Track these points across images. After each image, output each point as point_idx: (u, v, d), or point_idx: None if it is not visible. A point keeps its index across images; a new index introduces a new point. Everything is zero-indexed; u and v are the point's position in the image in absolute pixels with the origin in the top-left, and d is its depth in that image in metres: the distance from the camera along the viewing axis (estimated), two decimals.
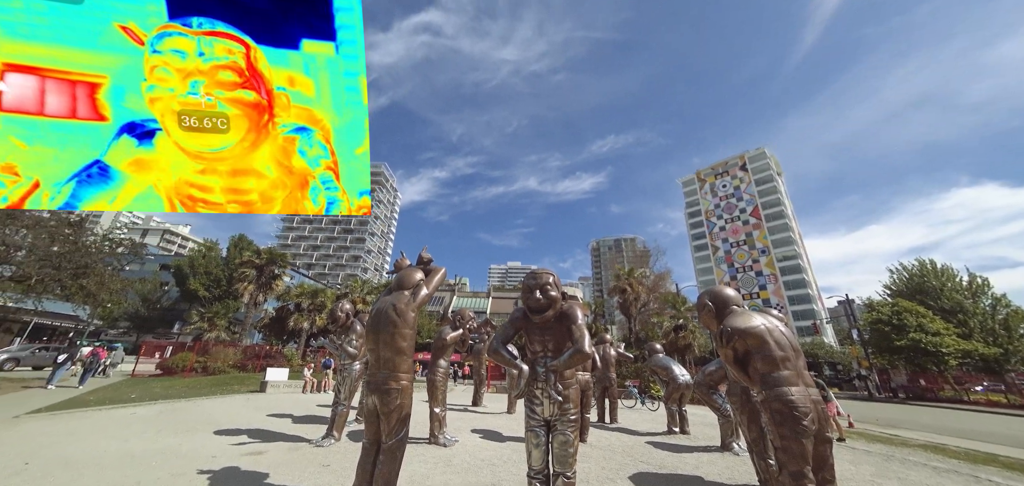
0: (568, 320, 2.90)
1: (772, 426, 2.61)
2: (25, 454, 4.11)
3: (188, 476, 3.55)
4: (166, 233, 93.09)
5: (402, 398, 3.04)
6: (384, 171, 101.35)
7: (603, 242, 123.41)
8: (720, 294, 3.11)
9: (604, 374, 8.31)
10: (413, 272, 3.53)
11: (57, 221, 12.17)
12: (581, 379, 5.96)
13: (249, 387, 12.27)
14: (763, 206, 70.39)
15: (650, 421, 8.71)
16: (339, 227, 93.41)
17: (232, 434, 5.51)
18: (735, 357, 2.77)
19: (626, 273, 22.47)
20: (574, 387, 2.93)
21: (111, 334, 41.04)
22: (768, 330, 2.71)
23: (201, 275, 37.34)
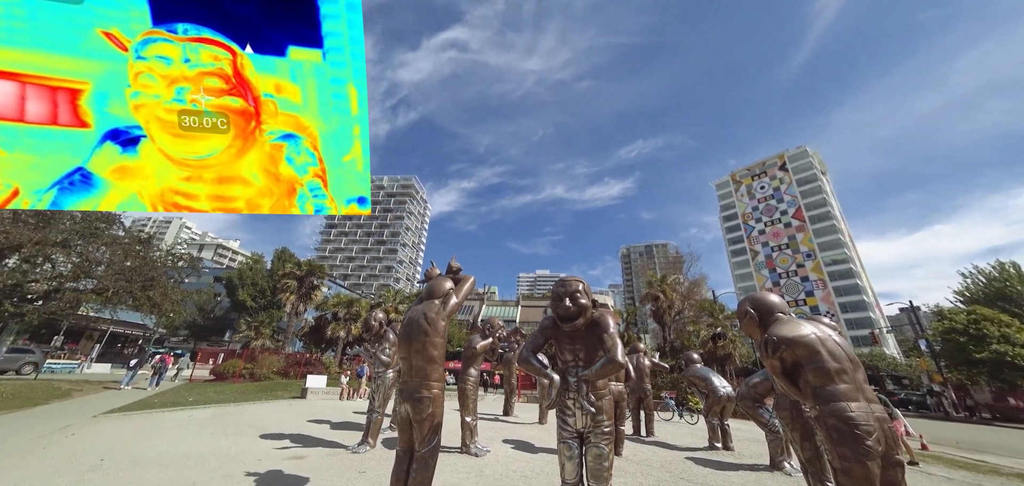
0: (599, 328, 2.82)
1: (830, 446, 2.39)
2: (101, 452, 4.53)
3: (236, 478, 3.76)
4: (219, 247, 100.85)
5: (434, 406, 3.07)
6: (414, 183, 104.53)
7: (633, 248, 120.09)
8: (763, 300, 2.91)
9: (639, 385, 8.01)
10: (443, 281, 3.58)
11: (130, 238, 13.56)
12: (614, 390, 5.77)
13: (291, 393, 12.90)
14: (807, 207, 65.82)
15: (689, 435, 8.27)
16: (372, 238, 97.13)
17: (276, 438, 5.79)
18: (783, 368, 2.57)
19: (658, 280, 21.64)
20: (607, 398, 2.83)
21: (173, 341, 44.73)
22: (820, 339, 2.50)
23: (248, 286, 39.97)
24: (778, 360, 2.59)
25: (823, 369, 2.43)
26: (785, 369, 2.60)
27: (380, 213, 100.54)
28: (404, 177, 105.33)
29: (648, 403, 7.94)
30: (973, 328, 22.10)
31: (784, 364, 2.58)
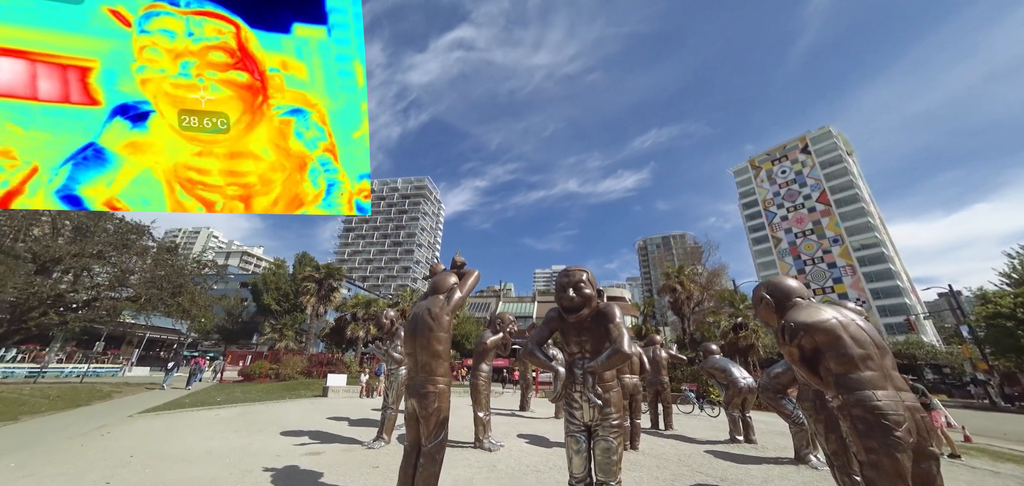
0: (605, 319, 2.74)
1: (855, 438, 2.24)
2: (131, 448, 4.75)
3: (255, 473, 3.86)
4: (244, 254, 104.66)
5: (440, 401, 3.06)
6: (428, 184, 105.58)
7: (650, 240, 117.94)
8: (780, 285, 2.76)
9: (656, 378, 7.84)
10: (447, 276, 3.56)
11: (158, 248, 14.23)
12: (629, 383, 5.66)
13: (313, 392, 13.26)
14: (832, 191, 62.95)
15: (709, 428, 8.04)
16: (388, 240, 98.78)
17: (295, 435, 5.94)
18: (801, 356, 2.43)
19: (675, 271, 21.10)
20: (615, 390, 2.75)
21: (205, 345, 46.79)
22: (842, 323, 2.34)
23: (272, 291, 41.33)
24: (796, 347, 2.44)
25: (846, 355, 2.27)
26: (804, 356, 2.45)
27: (395, 215, 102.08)
28: (417, 178, 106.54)
29: (666, 396, 7.76)
30: (1021, 311, 20.65)
31: (802, 351, 2.44)
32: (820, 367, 2.39)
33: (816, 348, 2.38)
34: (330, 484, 3.64)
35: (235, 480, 3.62)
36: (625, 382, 5.55)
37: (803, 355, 2.44)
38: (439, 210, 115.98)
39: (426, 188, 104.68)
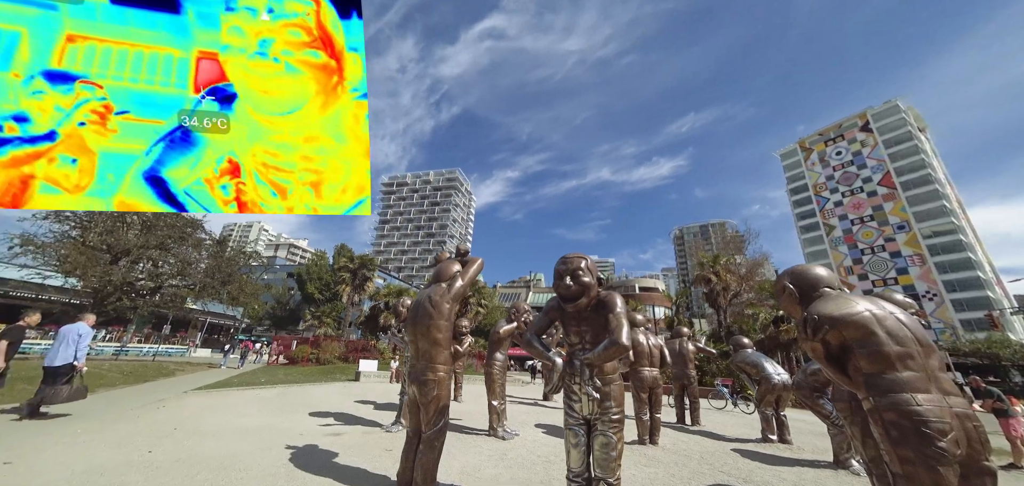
0: (605, 309, 2.60)
1: (888, 445, 1.96)
2: (176, 422, 5.23)
3: (276, 450, 4.10)
4: (291, 246, 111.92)
5: (439, 389, 3.06)
6: (458, 176, 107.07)
7: (687, 229, 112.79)
8: (805, 273, 2.47)
9: (681, 371, 7.49)
10: (450, 265, 3.53)
11: (210, 241, 15.58)
12: (648, 376, 5.43)
13: (347, 376, 13.99)
14: (898, 172, 56.63)
15: (742, 426, 7.59)
16: (422, 232, 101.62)
17: (323, 416, 6.28)
18: (827, 353, 2.16)
19: (710, 260, 19.94)
20: (616, 383, 2.62)
21: (258, 331, 50.90)
22: (875, 317, 2.05)
23: (315, 280, 43.94)
24: (820, 343, 2.18)
25: (879, 353, 1.98)
26: (830, 353, 2.18)
27: (428, 206, 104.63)
28: (449, 170, 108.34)
29: (692, 390, 7.40)
30: None
31: (828, 347, 2.17)
32: (849, 365, 2.12)
33: (844, 344, 2.11)
34: (343, 464, 3.79)
35: (258, 456, 3.87)
36: (644, 375, 5.33)
37: (829, 352, 2.17)
38: (470, 201, 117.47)
39: (457, 180, 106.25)
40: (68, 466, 3.31)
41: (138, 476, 3.18)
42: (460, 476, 3.67)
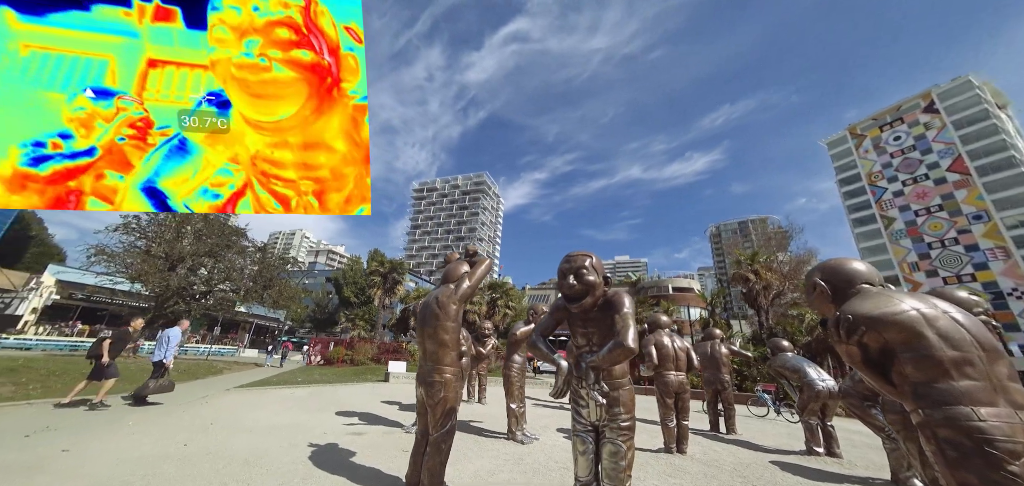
0: (612, 309, 2.45)
1: (944, 468, 1.67)
2: (215, 418, 5.58)
3: (299, 447, 4.25)
4: (329, 252, 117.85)
5: (446, 391, 3.03)
6: (486, 179, 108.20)
7: (725, 226, 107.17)
8: (839, 268, 2.18)
9: (714, 375, 7.04)
10: (459, 266, 3.50)
11: (253, 247, 16.72)
12: (674, 381, 5.13)
13: (377, 377, 14.43)
14: (972, 155, 50.54)
15: (784, 436, 7.00)
16: (451, 235, 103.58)
17: (348, 415, 6.47)
18: (865, 358, 1.89)
19: (747, 258, 18.65)
20: (626, 388, 2.45)
21: (300, 333, 53.98)
22: (924, 317, 1.75)
23: (350, 285, 45.96)
24: (856, 346, 1.91)
25: (929, 358, 1.69)
26: (869, 358, 1.90)
27: (457, 210, 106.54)
28: (476, 174, 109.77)
29: (726, 396, 6.93)
30: None
31: (866, 352, 1.89)
32: (893, 372, 1.84)
33: (886, 348, 1.83)
34: (359, 463, 3.85)
35: (282, 452, 4.02)
36: (669, 380, 5.04)
37: (867, 357, 1.89)
38: (498, 204, 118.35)
39: (485, 183, 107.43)
40: (114, 455, 3.59)
41: (171, 467, 3.40)
42: (473, 480, 3.62)
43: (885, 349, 1.82)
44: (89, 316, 23.70)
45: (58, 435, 4.18)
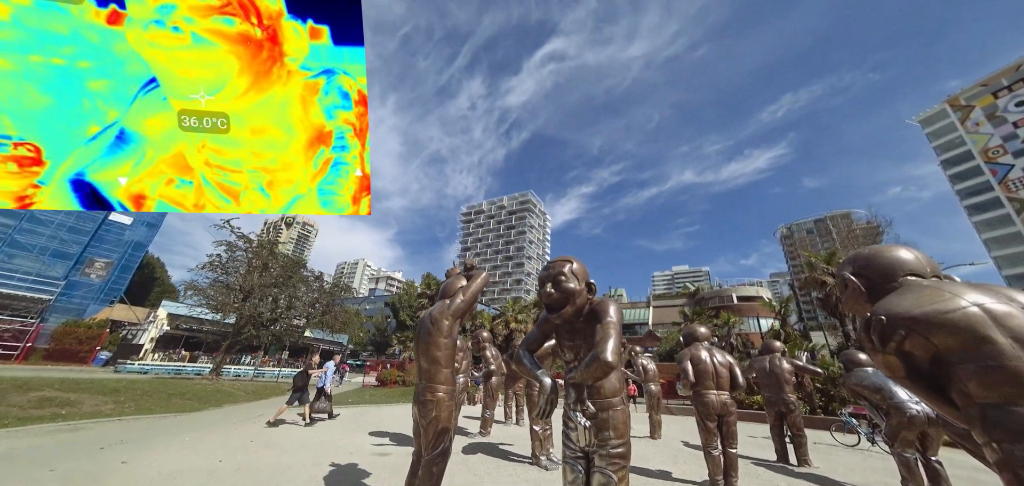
0: (595, 319, 2.17)
1: None
2: (256, 434, 5.97)
3: (321, 466, 4.35)
4: (388, 279, 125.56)
5: (438, 410, 2.89)
6: (531, 197, 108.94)
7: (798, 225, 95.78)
8: (877, 258, 1.68)
9: (776, 395, 6.09)
10: (456, 280, 3.41)
11: (313, 276, 18.33)
12: (715, 401, 4.49)
13: None
14: None
15: (876, 472, 5.78)
16: (500, 256, 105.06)
17: (381, 436, 6.57)
18: (910, 371, 1.42)
19: (823, 258, 16.16)
20: (618, 409, 2.14)
21: (363, 356, 57.58)
22: (990, 314, 1.27)
23: (406, 308, 48.25)
24: (897, 355, 1.44)
25: (1002, 371, 1.21)
26: (917, 371, 1.43)
27: (504, 231, 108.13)
28: (521, 194, 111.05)
29: (794, 420, 5.93)
30: None
31: (910, 362, 1.42)
32: (952, 389, 1.36)
33: (939, 357, 1.35)
34: (370, 484, 3.83)
35: (303, 470, 4.14)
36: (709, 400, 4.40)
37: (914, 369, 1.42)
38: (545, 222, 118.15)
39: (530, 202, 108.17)
40: (160, 468, 3.95)
41: (204, 480, 3.64)
42: None
43: (938, 359, 1.35)
44: (192, 344, 27.51)
45: (126, 449, 4.74)
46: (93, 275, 32.51)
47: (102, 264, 33.23)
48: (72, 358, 22.47)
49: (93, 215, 32.62)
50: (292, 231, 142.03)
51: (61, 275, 29.09)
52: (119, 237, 34.88)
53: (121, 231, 35.00)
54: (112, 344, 25.19)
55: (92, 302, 31.81)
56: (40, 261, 28.41)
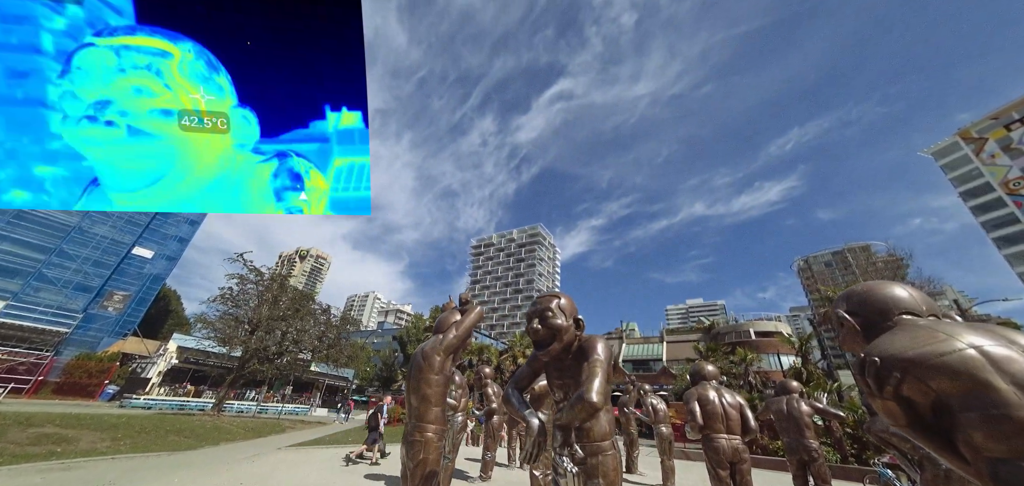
0: (583, 357, 2.08)
1: None
2: (251, 476, 5.76)
3: None
4: (397, 312, 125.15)
5: (426, 452, 2.76)
6: (541, 230, 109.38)
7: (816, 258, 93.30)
8: (872, 295, 1.58)
9: (796, 441, 5.65)
10: (450, 315, 3.36)
11: (320, 310, 18.37)
12: (727, 447, 4.19)
13: None
14: None
15: None
16: (510, 289, 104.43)
17: (376, 480, 6.29)
18: (911, 419, 1.29)
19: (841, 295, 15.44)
20: (609, 454, 2.00)
21: (369, 391, 56.47)
22: (991, 359, 1.15)
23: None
24: (895, 400, 1.32)
25: (1007, 421, 1.09)
26: (919, 420, 1.29)
27: (514, 263, 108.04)
28: (531, 227, 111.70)
29: (819, 470, 5.46)
30: None
31: (910, 409, 1.29)
32: (958, 439, 1.22)
33: (939, 404, 1.23)
34: None
35: None
36: (719, 444, 4.11)
37: (914, 415, 1.29)
38: (554, 255, 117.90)
39: (540, 235, 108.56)
40: None
41: None
42: None
43: (940, 405, 1.23)
44: (198, 377, 27.45)
45: None
46: (111, 308, 33.23)
47: (120, 297, 34.04)
48: (81, 392, 22.52)
49: (117, 250, 33.83)
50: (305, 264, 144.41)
51: (80, 308, 29.82)
52: (139, 270, 35.87)
53: (142, 264, 36.04)
54: (121, 377, 25.30)
55: (107, 335, 32.31)
56: (62, 294, 29.28)
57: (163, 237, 37.53)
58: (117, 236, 33.53)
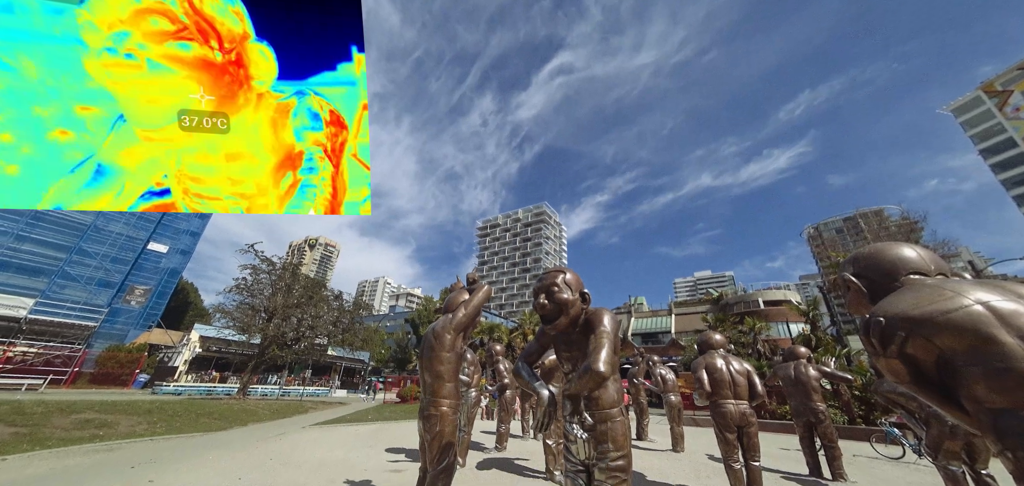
0: (589, 329, 2.15)
1: None
2: (276, 454, 6.09)
3: (337, 483, 4.40)
4: (408, 295, 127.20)
5: (442, 425, 2.91)
6: (545, 209, 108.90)
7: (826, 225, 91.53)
8: (878, 256, 1.60)
9: (803, 404, 5.78)
10: (459, 294, 3.45)
11: (333, 296, 18.83)
12: (734, 411, 4.30)
13: None
14: None
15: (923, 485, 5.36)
16: (517, 268, 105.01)
17: (397, 453, 6.59)
18: (916, 376, 1.33)
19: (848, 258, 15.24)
20: (618, 420, 2.09)
21: (384, 372, 58.24)
22: (998, 314, 1.18)
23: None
24: (900, 358, 1.36)
25: (1011, 374, 1.13)
26: (923, 376, 1.34)
27: (520, 243, 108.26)
28: (536, 206, 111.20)
29: (825, 431, 5.59)
30: None
31: (915, 366, 1.33)
32: (961, 393, 1.27)
33: (944, 359, 1.27)
34: None
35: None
36: (726, 410, 4.22)
37: (919, 374, 1.33)
38: (561, 233, 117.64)
39: (545, 213, 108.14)
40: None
41: None
42: None
43: (943, 361, 1.27)
44: (222, 364, 28.58)
45: (154, 467, 4.93)
46: (133, 302, 34.43)
47: (141, 291, 35.18)
48: (114, 381, 23.73)
49: (133, 246, 34.72)
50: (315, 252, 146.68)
51: (105, 303, 30.95)
52: (156, 265, 36.89)
53: (157, 259, 37.03)
54: (150, 367, 26.48)
55: (132, 327, 33.62)
56: (87, 290, 30.36)
57: (175, 231, 38.36)
58: (132, 232, 34.37)
